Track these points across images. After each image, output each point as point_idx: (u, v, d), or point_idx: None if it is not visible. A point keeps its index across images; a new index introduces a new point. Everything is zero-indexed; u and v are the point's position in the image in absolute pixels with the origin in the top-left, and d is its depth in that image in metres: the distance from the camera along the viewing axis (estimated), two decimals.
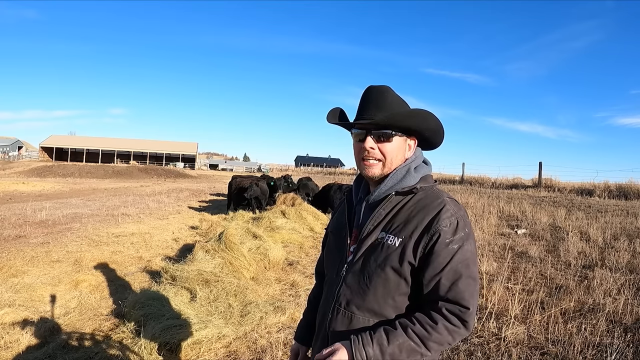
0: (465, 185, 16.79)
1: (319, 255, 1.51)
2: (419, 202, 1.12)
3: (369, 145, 1.13)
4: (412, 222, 1.08)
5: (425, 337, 1.01)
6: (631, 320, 3.27)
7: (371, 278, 1.10)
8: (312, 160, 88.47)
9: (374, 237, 1.12)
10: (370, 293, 1.10)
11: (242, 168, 68.75)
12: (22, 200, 12.33)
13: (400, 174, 1.15)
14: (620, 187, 12.01)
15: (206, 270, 4.30)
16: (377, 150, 1.13)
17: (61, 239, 5.91)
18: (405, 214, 1.11)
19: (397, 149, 1.15)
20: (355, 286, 1.13)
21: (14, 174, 30.33)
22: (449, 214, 1.07)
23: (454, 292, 1.03)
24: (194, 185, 22.45)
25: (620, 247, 5.47)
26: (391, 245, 1.08)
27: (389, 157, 1.14)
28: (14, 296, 3.69)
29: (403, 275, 1.08)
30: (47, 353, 2.88)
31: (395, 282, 1.08)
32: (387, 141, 1.13)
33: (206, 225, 8.04)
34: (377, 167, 1.15)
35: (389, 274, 1.08)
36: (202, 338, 3.02)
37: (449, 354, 2.86)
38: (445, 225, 1.05)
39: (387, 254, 1.08)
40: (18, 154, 62.23)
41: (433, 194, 1.14)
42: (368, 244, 1.12)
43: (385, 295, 1.09)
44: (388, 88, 1.16)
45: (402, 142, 1.16)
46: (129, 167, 42.19)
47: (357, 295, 1.12)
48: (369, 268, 1.11)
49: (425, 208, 1.09)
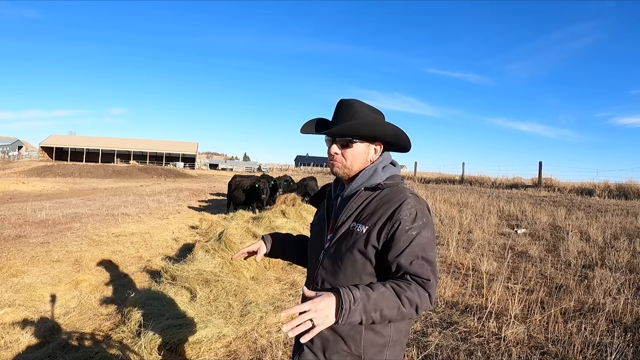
0: (465, 185, 16.79)
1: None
2: (384, 196, 1.31)
3: (333, 150, 1.35)
4: (377, 213, 1.27)
5: (400, 291, 1.14)
6: (631, 320, 3.27)
7: (342, 260, 1.28)
8: (312, 160, 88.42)
9: (346, 226, 1.31)
10: (341, 273, 1.29)
11: (242, 168, 68.80)
12: (22, 200, 12.33)
13: (368, 173, 1.35)
14: (620, 187, 12.01)
15: (206, 270, 4.30)
16: (340, 155, 1.35)
17: (61, 238, 5.91)
18: (372, 207, 1.29)
19: (358, 153, 1.35)
20: (330, 268, 1.32)
21: (14, 174, 30.32)
22: (409, 206, 1.24)
23: (413, 269, 1.19)
24: (194, 185, 22.46)
25: (620, 247, 5.47)
26: (359, 232, 1.26)
27: (349, 160, 1.35)
28: (14, 296, 3.70)
29: (368, 257, 1.25)
30: (47, 353, 2.88)
31: (361, 262, 1.26)
32: (348, 147, 1.34)
33: (206, 225, 8.04)
34: (338, 167, 1.36)
35: (357, 256, 1.26)
36: (202, 338, 3.02)
37: (448, 353, 2.87)
38: (406, 215, 1.22)
39: (355, 239, 1.27)
40: (18, 154, 62.22)
41: (397, 190, 1.32)
42: (341, 232, 1.31)
43: (354, 274, 1.28)
44: (355, 101, 1.36)
45: (364, 147, 1.35)
46: (129, 166, 42.19)
47: (330, 275, 1.32)
48: (341, 251, 1.29)
49: (389, 202, 1.28)
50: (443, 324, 3.37)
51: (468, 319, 3.37)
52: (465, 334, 3.15)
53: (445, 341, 3.04)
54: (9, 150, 62.58)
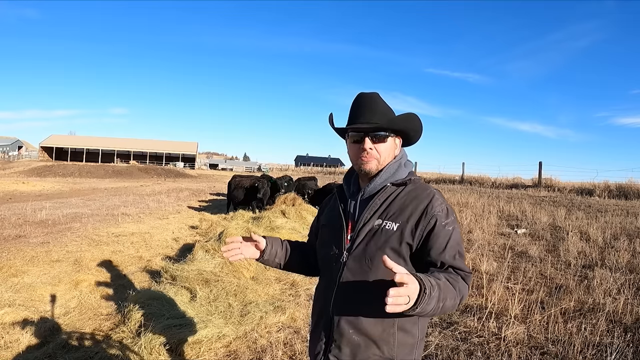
0: (465, 185, 16.78)
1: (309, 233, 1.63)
2: (410, 192, 1.28)
3: (368, 145, 1.28)
4: (407, 209, 1.23)
5: (454, 283, 1.14)
6: (631, 320, 3.27)
7: (373, 259, 1.22)
8: (312, 160, 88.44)
9: (372, 224, 1.26)
10: (371, 273, 1.23)
11: (242, 168, 68.78)
12: (22, 200, 12.33)
13: (392, 169, 1.32)
14: (620, 187, 11.99)
15: (206, 270, 4.30)
16: (374, 150, 1.29)
17: (61, 238, 5.91)
18: (399, 203, 1.26)
19: (390, 148, 1.32)
20: (357, 269, 1.25)
21: (14, 174, 30.31)
22: (439, 201, 1.24)
23: (455, 263, 1.20)
24: (194, 185, 22.45)
25: (620, 247, 5.47)
26: (390, 230, 1.22)
27: (383, 155, 1.30)
28: (14, 296, 3.69)
29: (402, 254, 1.21)
30: (47, 353, 2.88)
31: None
32: (383, 142, 1.30)
33: (206, 225, 8.04)
34: (373, 163, 1.30)
35: (389, 254, 1.20)
36: (202, 338, 3.02)
37: (448, 353, 2.87)
38: (439, 211, 1.22)
39: (387, 237, 1.22)
40: (18, 154, 62.20)
41: (422, 186, 1.30)
42: (366, 231, 1.26)
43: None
44: (377, 94, 1.33)
45: (392, 142, 1.33)
46: (129, 166, 42.19)
47: (359, 275, 1.24)
48: (370, 251, 1.23)
49: (417, 197, 1.25)
50: (443, 324, 3.37)
51: (468, 319, 3.37)
52: (465, 334, 3.15)
53: (445, 341, 3.04)
54: (9, 150, 62.58)
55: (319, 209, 1.60)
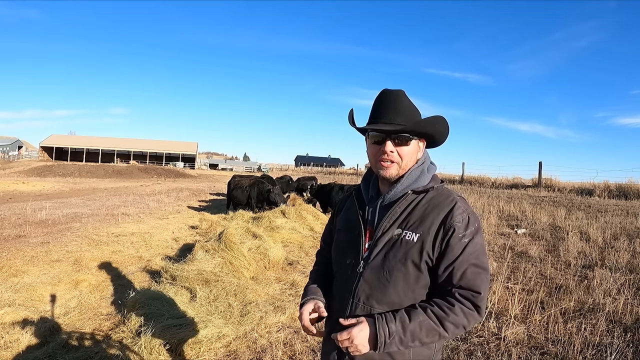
0: (465, 185, 16.78)
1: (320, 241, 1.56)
2: (431, 200, 1.19)
3: (389, 148, 1.19)
4: (428, 219, 1.15)
5: (443, 317, 1.09)
6: (631, 320, 3.26)
7: (391, 272, 1.16)
8: (312, 160, 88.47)
9: (391, 233, 1.18)
10: (390, 287, 1.16)
11: (242, 168, 68.75)
12: (22, 200, 12.32)
13: (415, 175, 1.22)
14: (620, 187, 12.00)
15: (206, 270, 4.30)
16: (395, 153, 1.20)
17: (61, 238, 5.91)
18: (420, 211, 1.17)
19: (413, 151, 1.22)
20: (374, 281, 1.18)
21: (14, 174, 30.31)
22: (461, 210, 1.16)
23: (465, 280, 1.11)
24: (194, 185, 22.44)
25: (620, 247, 5.47)
26: (410, 241, 1.14)
27: (405, 160, 1.21)
28: (14, 296, 3.69)
29: (422, 269, 1.14)
30: (47, 353, 2.88)
31: (415, 275, 1.15)
32: (405, 145, 1.20)
33: (206, 225, 8.04)
34: (393, 168, 1.21)
35: (409, 267, 1.14)
36: (202, 338, 3.02)
37: (448, 353, 2.87)
38: (459, 221, 1.13)
39: (407, 249, 1.14)
40: (18, 154, 62.18)
41: (444, 193, 1.22)
42: (385, 240, 1.18)
43: (406, 288, 1.15)
44: (403, 92, 1.23)
45: (416, 145, 1.23)
46: (129, 166, 42.17)
47: (377, 289, 1.18)
48: (389, 263, 1.16)
49: (439, 205, 1.17)
50: None
51: None
52: (465, 334, 3.15)
53: (445, 341, 3.04)
54: (9, 150, 62.53)
55: (332, 210, 1.51)
